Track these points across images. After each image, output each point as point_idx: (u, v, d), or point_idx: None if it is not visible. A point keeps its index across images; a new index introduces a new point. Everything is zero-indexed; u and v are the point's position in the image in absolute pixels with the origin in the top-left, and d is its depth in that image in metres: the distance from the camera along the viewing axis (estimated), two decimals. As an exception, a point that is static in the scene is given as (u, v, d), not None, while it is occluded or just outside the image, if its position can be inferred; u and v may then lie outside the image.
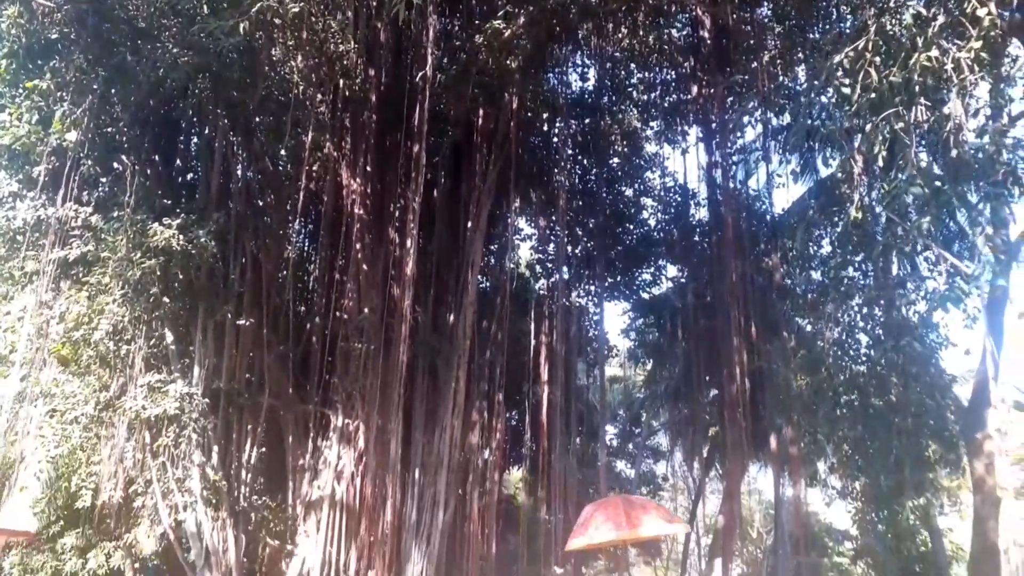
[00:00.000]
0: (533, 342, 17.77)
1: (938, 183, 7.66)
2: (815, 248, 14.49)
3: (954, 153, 7.62)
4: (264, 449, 15.15)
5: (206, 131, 13.27)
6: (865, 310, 12.04)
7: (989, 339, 8.92)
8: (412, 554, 13.40)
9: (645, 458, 29.93)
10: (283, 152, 14.42)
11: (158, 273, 10.98)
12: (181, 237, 11.05)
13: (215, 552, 11.69)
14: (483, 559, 16.84)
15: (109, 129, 12.00)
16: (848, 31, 10.00)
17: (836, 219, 13.17)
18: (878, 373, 11.75)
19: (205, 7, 11.22)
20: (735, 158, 19.42)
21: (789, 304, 15.69)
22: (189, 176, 14.14)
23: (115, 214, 11.22)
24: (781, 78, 14.73)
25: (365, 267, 14.11)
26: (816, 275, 14.13)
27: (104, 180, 12.29)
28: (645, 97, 20.50)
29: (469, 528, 15.77)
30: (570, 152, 19.84)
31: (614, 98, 20.41)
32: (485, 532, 16.80)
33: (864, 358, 12.28)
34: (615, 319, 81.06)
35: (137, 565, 21.11)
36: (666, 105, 20.32)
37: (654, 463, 31.17)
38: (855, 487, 15.82)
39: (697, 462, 26.22)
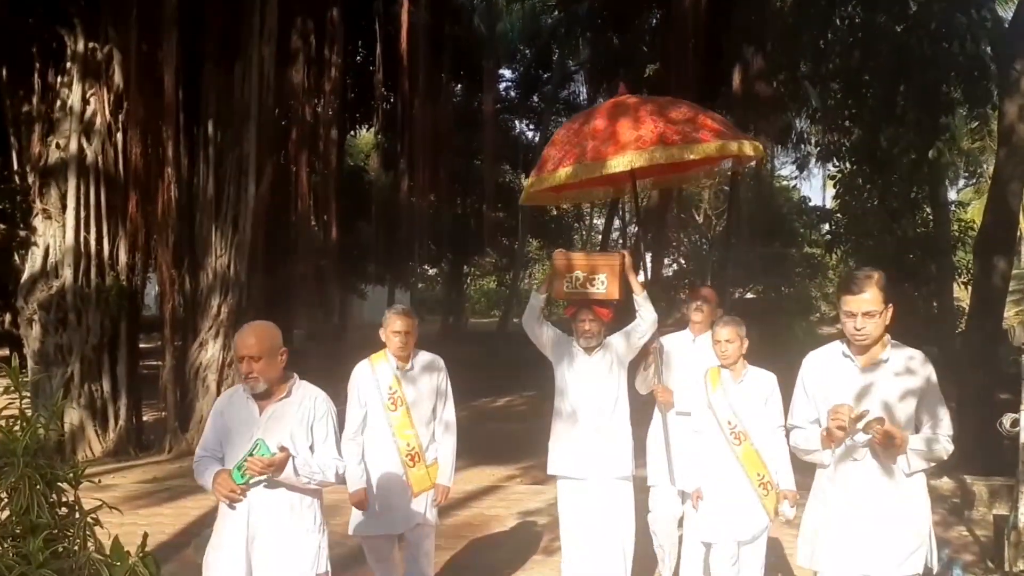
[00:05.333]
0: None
1: None
2: None
3: None
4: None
5: None
6: None
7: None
8: (212, 242, 13.62)
9: (555, 114, 30.47)
10: None
11: None
12: None
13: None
14: (322, 252, 17.35)
15: None
16: None
17: None
18: (892, -26, 11.84)
19: None
20: None
21: None
22: None
23: None
24: None
25: None
26: None
27: None
28: None
29: (298, 209, 16.02)
30: None
31: None
32: (323, 217, 17.13)
33: (875, -49, 12.28)
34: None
35: None
36: None
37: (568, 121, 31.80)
38: (843, 144, 16.65)
39: (628, 119, 26.88)
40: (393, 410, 5.79)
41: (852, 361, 4.29)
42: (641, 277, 6.52)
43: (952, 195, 21.56)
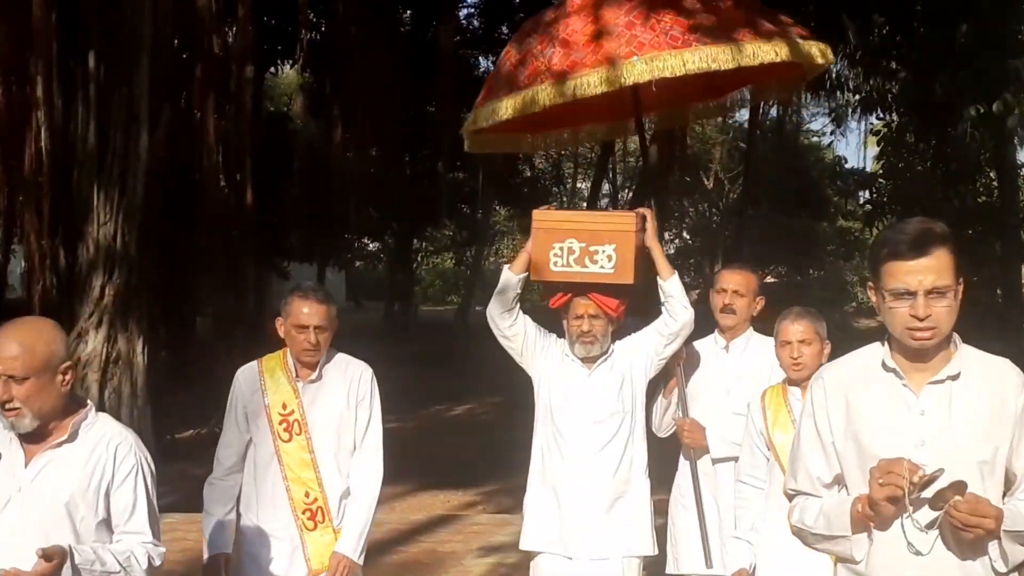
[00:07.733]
0: None
1: None
2: None
3: None
4: None
5: None
6: None
7: None
8: (93, 206, 13.60)
9: (529, 50, 30.56)
10: None
11: None
12: None
13: None
14: (233, 219, 17.28)
15: None
16: None
17: None
18: None
19: None
20: None
21: None
22: None
23: None
24: None
25: None
26: None
27: None
28: None
29: (203, 166, 16.00)
30: None
31: None
32: (235, 176, 17.08)
33: None
34: None
35: None
36: None
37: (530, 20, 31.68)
38: (889, 92, 16.78)
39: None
40: (286, 440, 4.81)
41: (901, 379, 3.00)
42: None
43: (1022, 157, 21.75)
